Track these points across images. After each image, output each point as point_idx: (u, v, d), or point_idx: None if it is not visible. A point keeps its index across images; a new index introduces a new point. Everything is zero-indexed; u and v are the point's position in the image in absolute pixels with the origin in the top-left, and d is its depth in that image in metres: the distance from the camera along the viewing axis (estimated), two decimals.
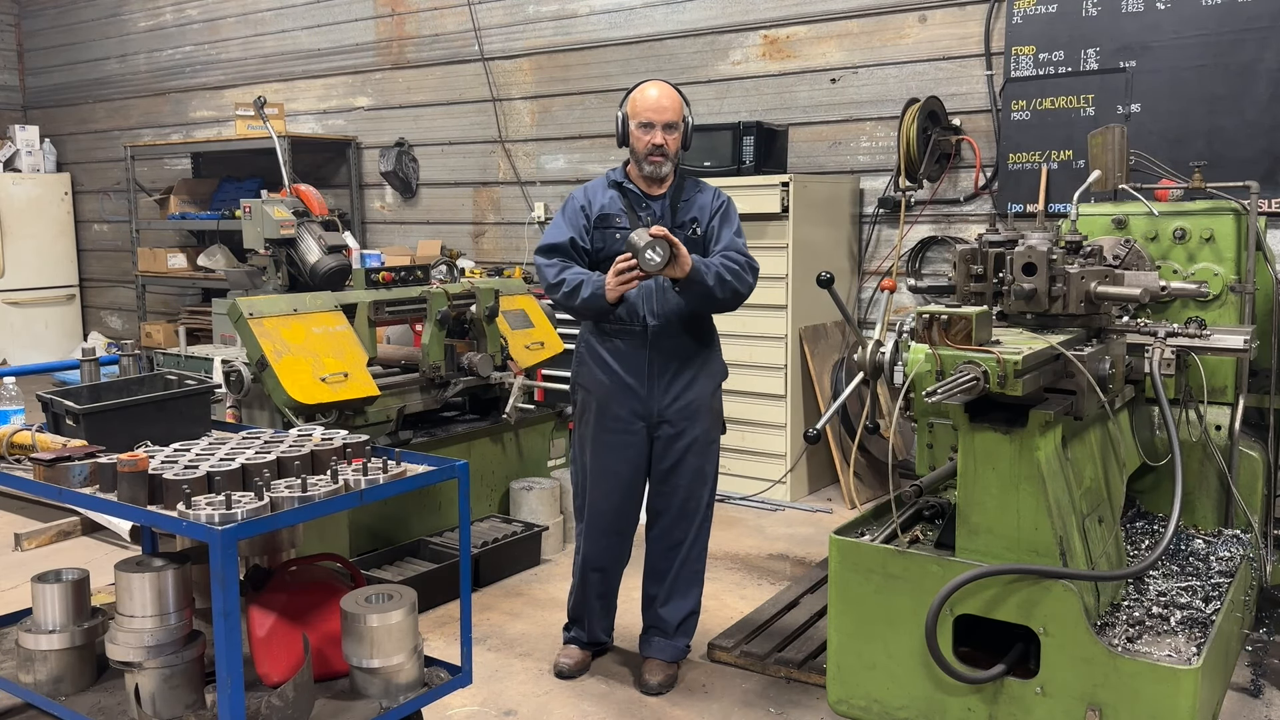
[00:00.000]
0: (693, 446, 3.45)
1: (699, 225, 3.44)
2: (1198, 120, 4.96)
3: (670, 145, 3.38)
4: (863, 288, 6.05)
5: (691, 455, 3.45)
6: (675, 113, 3.38)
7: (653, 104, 3.36)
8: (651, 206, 3.44)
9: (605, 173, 3.54)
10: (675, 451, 3.45)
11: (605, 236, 3.42)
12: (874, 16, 5.90)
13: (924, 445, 3.10)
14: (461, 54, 7.64)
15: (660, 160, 3.38)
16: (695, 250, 3.37)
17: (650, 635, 3.59)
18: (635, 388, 3.40)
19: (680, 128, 3.41)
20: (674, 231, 3.33)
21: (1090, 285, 2.85)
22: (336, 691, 2.45)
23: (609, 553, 3.57)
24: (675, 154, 3.42)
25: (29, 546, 3.03)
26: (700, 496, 3.51)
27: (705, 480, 3.51)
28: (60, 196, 10.55)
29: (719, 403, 3.55)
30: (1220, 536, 3.43)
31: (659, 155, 3.37)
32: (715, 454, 3.55)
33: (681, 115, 3.41)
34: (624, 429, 3.43)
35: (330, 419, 4.26)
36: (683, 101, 3.43)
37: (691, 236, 3.42)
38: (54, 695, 2.47)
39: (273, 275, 4.95)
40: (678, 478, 3.47)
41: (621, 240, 3.33)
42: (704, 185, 3.54)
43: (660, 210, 3.44)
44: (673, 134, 3.38)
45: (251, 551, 2.65)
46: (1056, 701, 2.51)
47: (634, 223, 3.40)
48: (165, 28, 9.74)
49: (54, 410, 2.82)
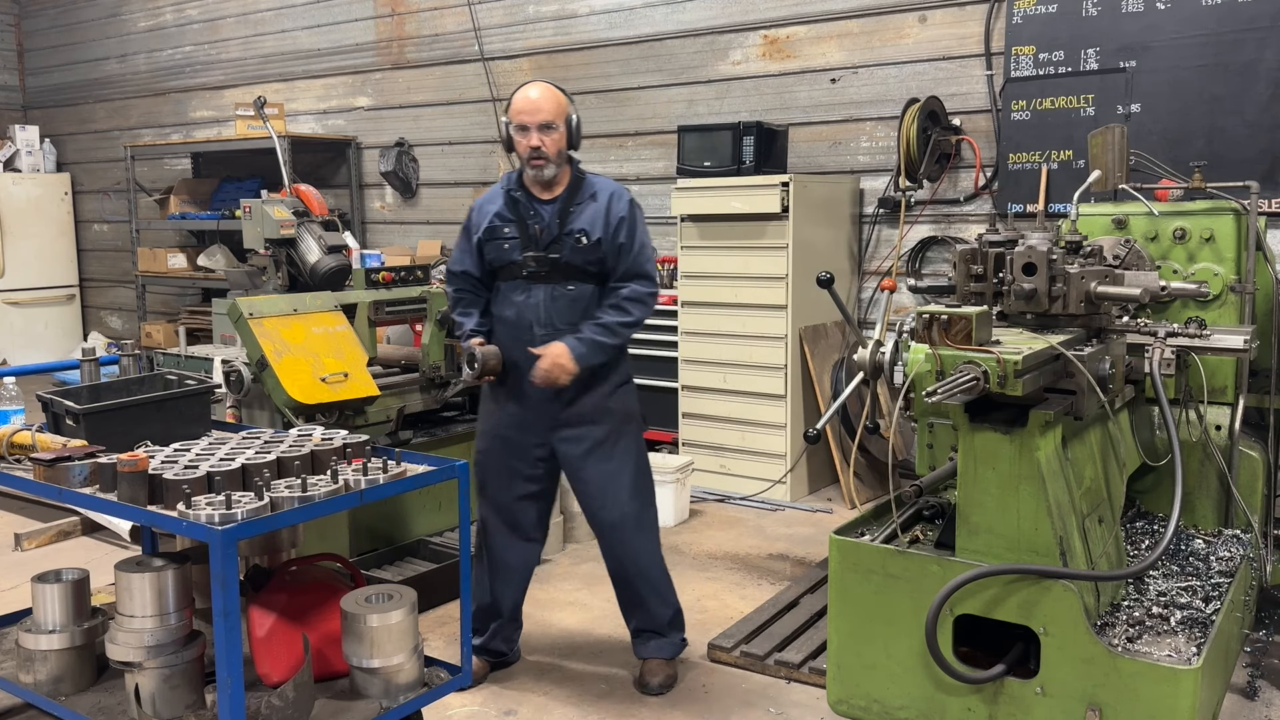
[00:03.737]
0: (595, 451, 3.40)
1: (587, 236, 3.34)
2: (1198, 120, 4.96)
3: (549, 146, 3.28)
4: (863, 288, 6.05)
5: (594, 460, 3.41)
6: (552, 113, 3.28)
7: (528, 105, 3.27)
8: (540, 213, 3.36)
9: (504, 176, 3.47)
10: (577, 457, 3.41)
11: (495, 248, 3.37)
12: (874, 16, 5.90)
13: (924, 445, 3.10)
14: (461, 54, 7.64)
15: (541, 163, 3.30)
16: (586, 256, 3.33)
17: (645, 638, 3.56)
18: (529, 394, 3.36)
19: (560, 128, 3.29)
20: (563, 238, 3.31)
21: (1090, 285, 2.85)
22: (336, 691, 2.45)
23: (506, 566, 3.53)
24: (558, 155, 3.32)
25: (29, 546, 3.04)
26: (619, 498, 3.43)
27: (623, 482, 3.44)
28: (60, 196, 10.55)
29: (623, 402, 3.49)
30: (1220, 536, 3.42)
31: (538, 158, 3.29)
32: (629, 453, 3.46)
33: (563, 115, 3.31)
34: (519, 450, 3.42)
35: (330, 419, 4.26)
36: (565, 101, 3.34)
37: (577, 245, 3.34)
38: (54, 695, 2.47)
39: (273, 275, 4.95)
40: (587, 485, 3.43)
41: (510, 250, 3.33)
42: (601, 188, 3.41)
43: (549, 216, 3.35)
44: (550, 134, 3.27)
45: (251, 551, 2.65)
46: (1056, 701, 2.51)
47: (521, 232, 3.34)
48: (165, 28, 9.74)
49: (54, 410, 2.82)
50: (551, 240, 3.34)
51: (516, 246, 3.35)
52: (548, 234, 3.35)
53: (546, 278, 3.34)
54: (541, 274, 3.34)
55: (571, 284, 3.36)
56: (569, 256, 3.33)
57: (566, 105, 3.36)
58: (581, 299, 3.37)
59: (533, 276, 3.35)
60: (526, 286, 3.36)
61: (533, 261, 3.33)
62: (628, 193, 3.47)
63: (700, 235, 5.75)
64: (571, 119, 3.36)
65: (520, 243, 3.35)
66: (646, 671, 3.50)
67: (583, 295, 3.37)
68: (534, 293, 3.34)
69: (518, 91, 3.37)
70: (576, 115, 3.38)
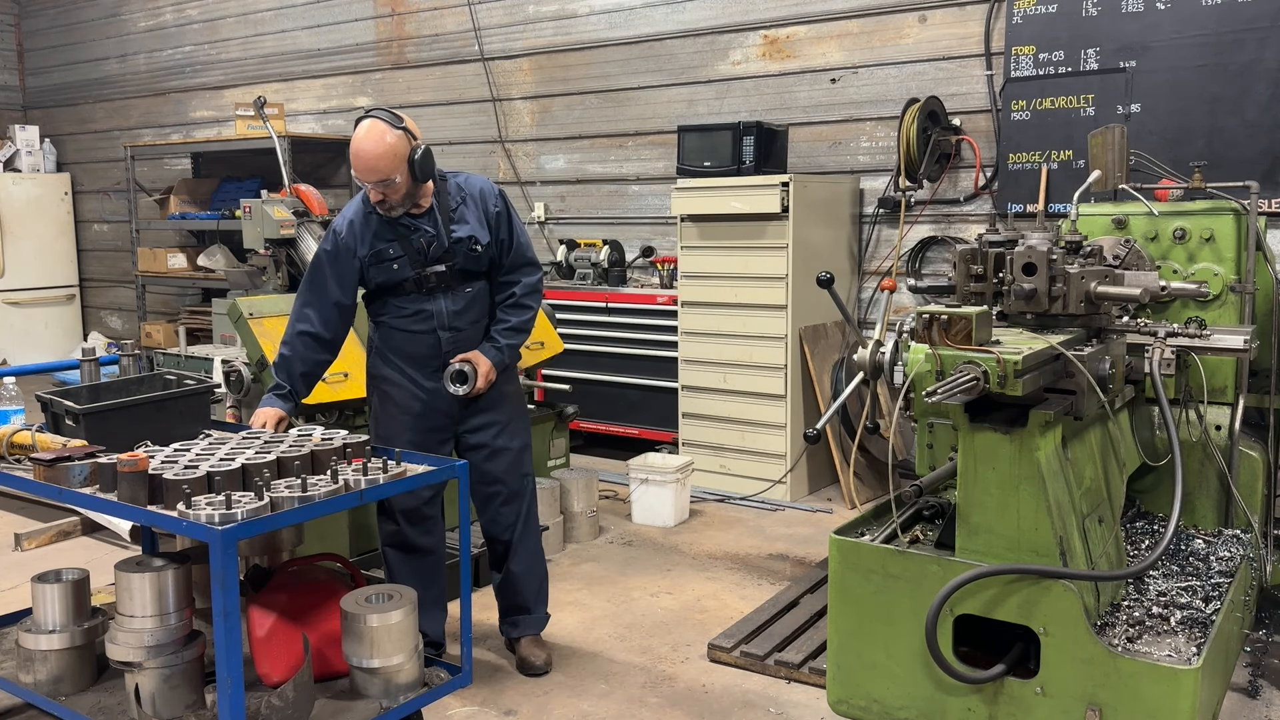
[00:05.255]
0: (505, 432, 3.52)
1: (478, 241, 3.38)
2: (1198, 120, 4.96)
3: (391, 198, 3.25)
4: (863, 288, 6.05)
5: (505, 440, 3.52)
6: (384, 170, 3.17)
7: (358, 166, 3.19)
8: (421, 227, 3.35)
9: (361, 193, 3.38)
10: (491, 441, 3.50)
11: (383, 270, 3.34)
12: (874, 16, 5.90)
13: (924, 445, 3.10)
14: (461, 54, 7.65)
15: (386, 209, 3.30)
16: (479, 260, 3.39)
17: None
18: (433, 388, 3.41)
19: (396, 180, 3.20)
20: (453, 247, 3.35)
21: (1090, 285, 2.85)
22: (336, 691, 2.45)
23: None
24: (404, 197, 3.27)
25: (29, 546, 3.04)
26: (523, 476, 3.60)
27: (523, 461, 3.59)
28: (60, 196, 10.55)
29: (515, 387, 3.65)
30: (1220, 536, 3.42)
31: (382, 206, 3.29)
32: (525, 435, 3.63)
33: (399, 166, 3.18)
34: (427, 425, 3.44)
35: (330, 419, 4.26)
36: (401, 147, 3.18)
37: (471, 252, 3.38)
38: (54, 695, 2.47)
39: (273, 275, 4.95)
40: (496, 468, 3.52)
41: (401, 269, 3.31)
42: (467, 186, 3.44)
43: (434, 228, 3.35)
44: (389, 188, 3.21)
45: (251, 551, 2.65)
46: (1056, 701, 2.51)
47: (407, 249, 3.32)
48: (165, 28, 9.74)
49: (54, 410, 2.83)
50: (443, 251, 3.37)
51: (405, 264, 3.34)
52: (437, 246, 3.36)
53: (443, 288, 3.39)
54: (439, 286, 3.38)
55: (468, 286, 3.44)
56: (464, 264, 3.40)
57: (404, 150, 3.20)
58: (479, 296, 3.48)
59: (429, 290, 3.38)
60: (422, 298, 3.38)
61: (432, 276, 3.35)
62: (492, 184, 3.53)
63: (700, 235, 5.75)
64: (415, 157, 3.22)
65: (408, 260, 3.34)
66: (527, 651, 3.64)
67: (480, 293, 3.48)
68: (433, 300, 3.38)
69: (355, 132, 3.22)
70: (421, 148, 3.24)
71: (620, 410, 6.34)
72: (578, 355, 6.28)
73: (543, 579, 3.72)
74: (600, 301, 6.33)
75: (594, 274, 6.67)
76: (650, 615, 4.10)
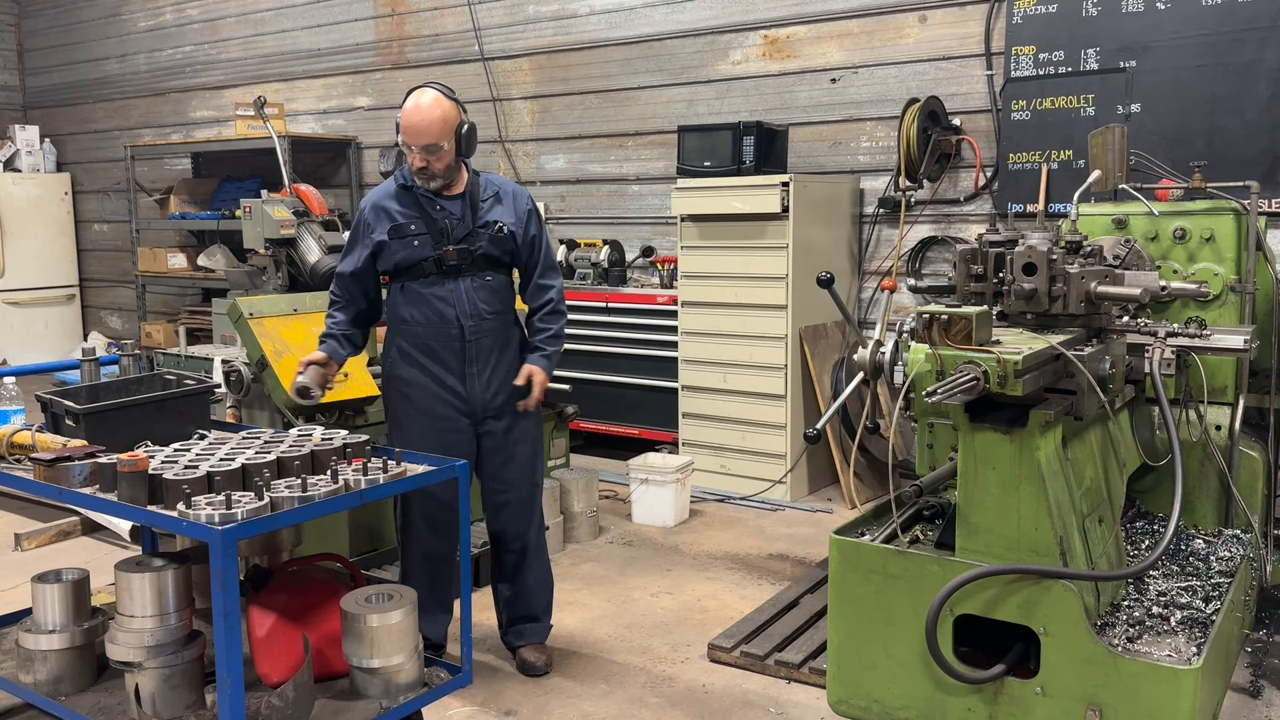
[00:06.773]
0: (523, 438, 3.52)
1: (504, 227, 3.41)
2: (1198, 120, 4.96)
3: (434, 166, 3.28)
4: (863, 288, 6.05)
5: (521, 446, 3.52)
6: (435, 135, 3.23)
7: (411, 127, 3.24)
8: (447, 208, 3.38)
9: (395, 173, 3.45)
10: (508, 445, 3.49)
11: (404, 245, 3.36)
12: (874, 16, 5.90)
13: (924, 445, 3.10)
14: (461, 54, 7.65)
15: (426, 179, 3.32)
16: (504, 246, 3.41)
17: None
18: (455, 387, 3.41)
19: (447, 146, 3.26)
20: (478, 231, 3.37)
21: (1090, 285, 2.85)
22: (336, 691, 2.45)
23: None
24: (445, 170, 3.32)
25: (29, 546, 3.04)
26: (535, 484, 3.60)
27: (535, 469, 3.60)
28: (60, 196, 10.55)
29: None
30: (1220, 536, 3.42)
31: (423, 175, 3.32)
32: (540, 440, 3.64)
33: (449, 133, 3.26)
34: (449, 427, 3.42)
35: (330, 419, 4.26)
36: (453, 115, 3.28)
37: (497, 235, 3.40)
38: (54, 695, 2.47)
39: (273, 275, 4.95)
40: (511, 472, 3.52)
41: (421, 246, 3.33)
42: (501, 186, 3.49)
43: (460, 212, 3.38)
44: (435, 155, 3.25)
45: (251, 551, 2.65)
46: (1056, 701, 2.51)
47: (430, 228, 3.34)
48: (165, 28, 9.74)
49: (54, 410, 2.82)
50: (467, 233, 3.37)
51: (427, 243, 3.35)
52: (461, 228, 3.37)
53: (465, 270, 3.38)
54: (461, 267, 3.37)
55: (489, 274, 3.43)
56: (488, 248, 3.39)
57: (455, 119, 3.29)
58: (500, 288, 3.47)
59: (450, 271, 3.37)
60: (444, 281, 3.37)
61: (454, 255, 3.35)
62: (523, 187, 3.59)
63: (700, 235, 5.75)
64: (462, 130, 3.31)
65: (430, 238, 3.35)
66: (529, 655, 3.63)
67: (501, 284, 3.47)
68: (454, 285, 3.37)
69: (408, 99, 3.28)
70: (468, 124, 3.34)
71: (620, 410, 6.34)
72: (578, 355, 6.29)
73: (552, 589, 3.71)
74: (600, 301, 6.34)
75: (594, 274, 6.67)
76: (650, 615, 4.10)
